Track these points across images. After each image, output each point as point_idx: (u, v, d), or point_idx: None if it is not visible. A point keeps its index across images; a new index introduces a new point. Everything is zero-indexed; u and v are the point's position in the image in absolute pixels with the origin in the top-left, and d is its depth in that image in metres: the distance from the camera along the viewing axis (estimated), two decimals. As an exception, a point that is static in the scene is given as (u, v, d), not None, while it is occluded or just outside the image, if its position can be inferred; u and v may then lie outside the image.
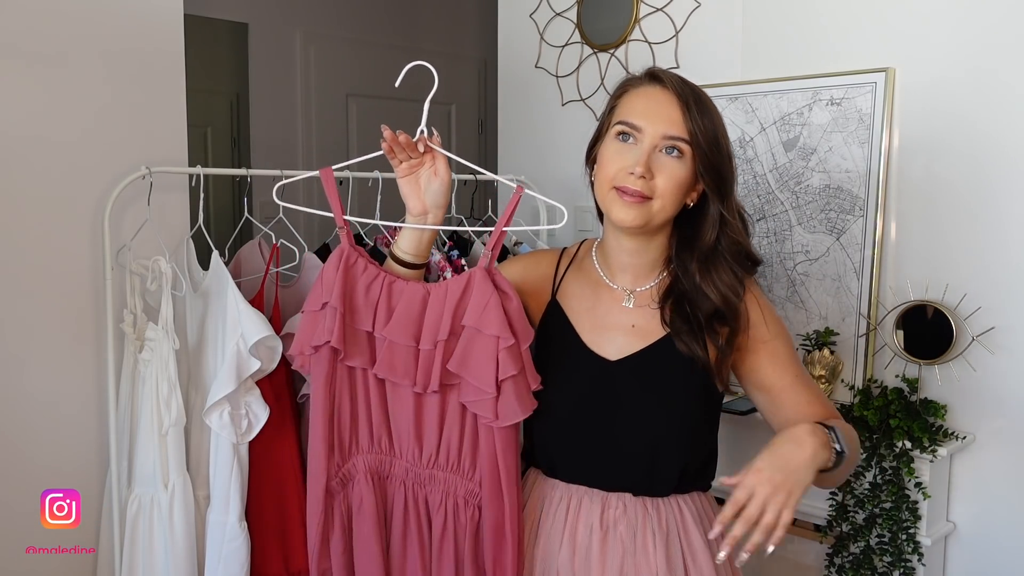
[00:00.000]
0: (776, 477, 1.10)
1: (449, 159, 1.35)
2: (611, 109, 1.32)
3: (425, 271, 1.40)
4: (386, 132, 1.27)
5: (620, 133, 1.27)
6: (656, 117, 1.25)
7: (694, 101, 1.25)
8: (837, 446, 1.18)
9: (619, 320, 1.34)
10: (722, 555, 1.11)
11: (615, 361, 1.32)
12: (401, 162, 1.30)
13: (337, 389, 1.33)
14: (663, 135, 1.24)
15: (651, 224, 1.27)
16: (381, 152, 1.34)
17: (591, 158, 1.35)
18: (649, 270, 1.35)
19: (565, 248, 1.47)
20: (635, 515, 1.31)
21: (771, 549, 1.10)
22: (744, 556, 1.11)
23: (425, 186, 1.31)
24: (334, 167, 1.35)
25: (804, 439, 1.14)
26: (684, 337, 1.28)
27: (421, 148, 1.28)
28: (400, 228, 1.38)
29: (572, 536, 1.32)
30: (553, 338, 1.38)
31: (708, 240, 1.29)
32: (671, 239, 1.34)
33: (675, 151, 1.24)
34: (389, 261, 1.35)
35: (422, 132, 1.27)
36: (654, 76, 1.29)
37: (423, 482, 1.33)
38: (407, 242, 1.33)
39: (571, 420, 1.33)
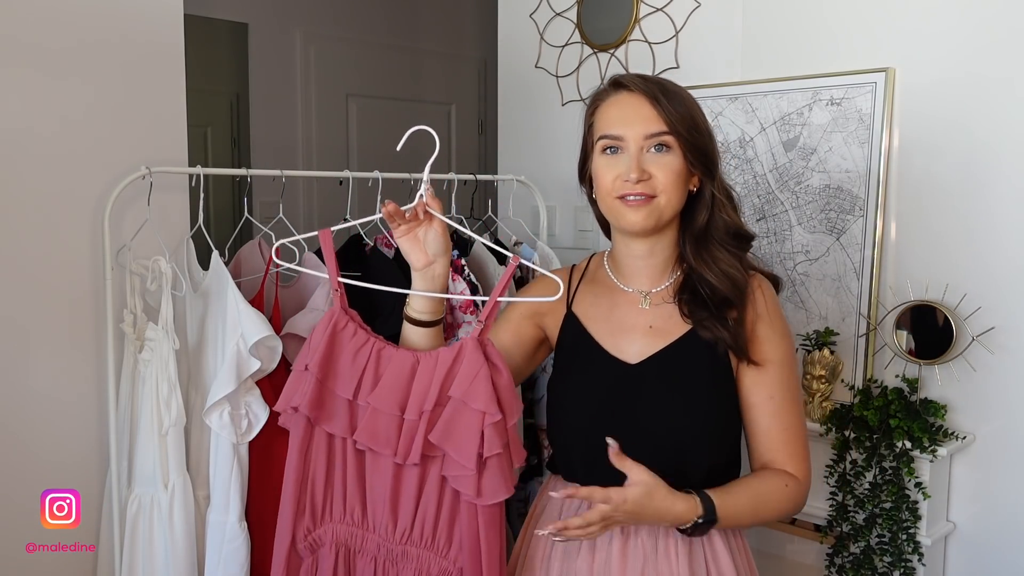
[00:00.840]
0: (629, 518, 1.21)
1: (441, 197, 1.34)
2: (589, 127, 1.35)
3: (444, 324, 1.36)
4: (390, 206, 1.25)
5: (605, 147, 1.31)
6: (632, 121, 1.28)
7: (661, 93, 1.28)
8: (687, 529, 1.25)
9: (636, 322, 1.35)
10: (544, 532, 1.22)
11: (636, 364, 1.33)
12: (399, 225, 1.27)
13: (313, 453, 1.29)
14: (644, 135, 1.27)
15: (661, 221, 1.30)
16: (379, 216, 1.31)
17: (585, 178, 1.39)
18: (662, 271, 1.37)
19: (574, 265, 1.48)
20: None
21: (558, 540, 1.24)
22: (543, 532, 1.23)
23: (422, 237, 1.28)
24: (333, 228, 1.33)
25: (668, 514, 1.22)
26: (706, 323, 1.30)
27: (421, 215, 1.26)
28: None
29: (591, 542, 1.30)
30: (572, 348, 1.39)
31: (700, 222, 1.32)
32: (678, 235, 1.35)
33: (662, 147, 1.28)
34: (406, 325, 1.32)
35: (421, 196, 1.25)
36: (618, 84, 1.32)
37: (395, 559, 1.27)
38: (419, 300, 1.29)
39: (593, 425, 1.32)
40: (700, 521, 1.23)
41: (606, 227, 1.43)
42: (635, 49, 2.45)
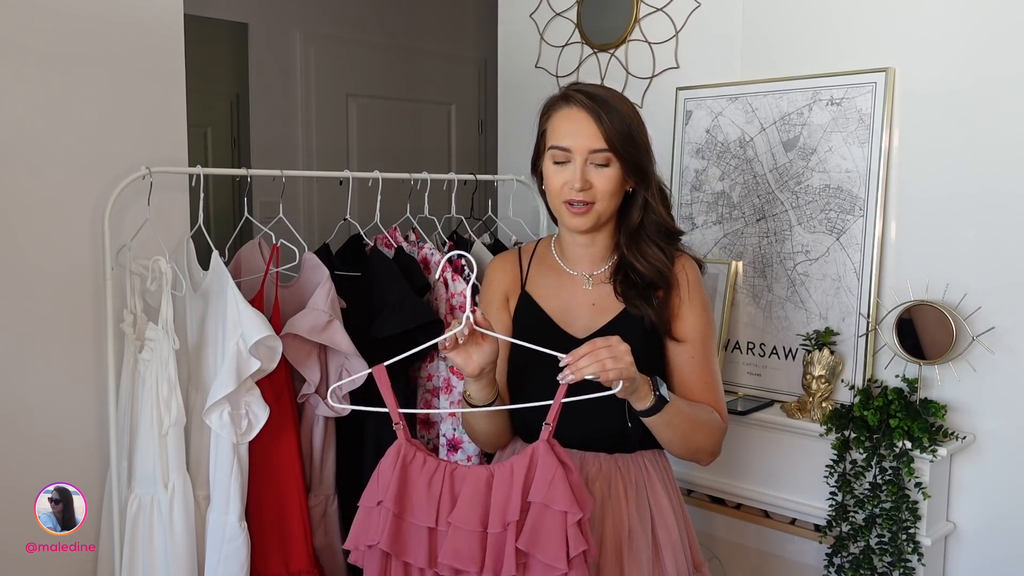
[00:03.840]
0: (617, 356, 1.32)
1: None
2: (542, 132, 1.52)
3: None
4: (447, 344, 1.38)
5: (554, 157, 1.48)
6: (578, 136, 1.45)
7: (604, 111, 1.45)
8: (647, 409, 1.40)
9: (582, 300, 1.55)
10: (563, 361, 1.31)
11: (583, 337, 1.49)
12: (448, 343, 1.38)
13: None
14: (589, 150, 1.45)
15: (600, 223, 1.50)
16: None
17: (537, 171, 1.56)
18: (601, 256, 1.56)
19: (521, 246, 1.68)
20: (610, 472, 1.49)
21: (570, 377, 1.30)
22: (566, 373, 1.31)
23: (473, 350, 1.39)
24: (386, 364, 1.38)
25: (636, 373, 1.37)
26: (635, 301, 1.50)
27: (467, 331, 1.36)
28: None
29: None
30: (527, 324, 1.57)
31: (634, 221, 1.52)
32: (615, 227, 1.55)
33: (603, 161, 1.45)
34: (470, 410, 1.46)
35: (469, 318, 1.34)
36: (567, 97, 1.48)
37: None
38: (478, 394, 1.44)
39: (546, 390, 1.44)
40: (657, 392, 1.40)
41: (555, 215, 1.59)
42: (635, 49, 2.45)
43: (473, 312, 1.34)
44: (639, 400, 1.39)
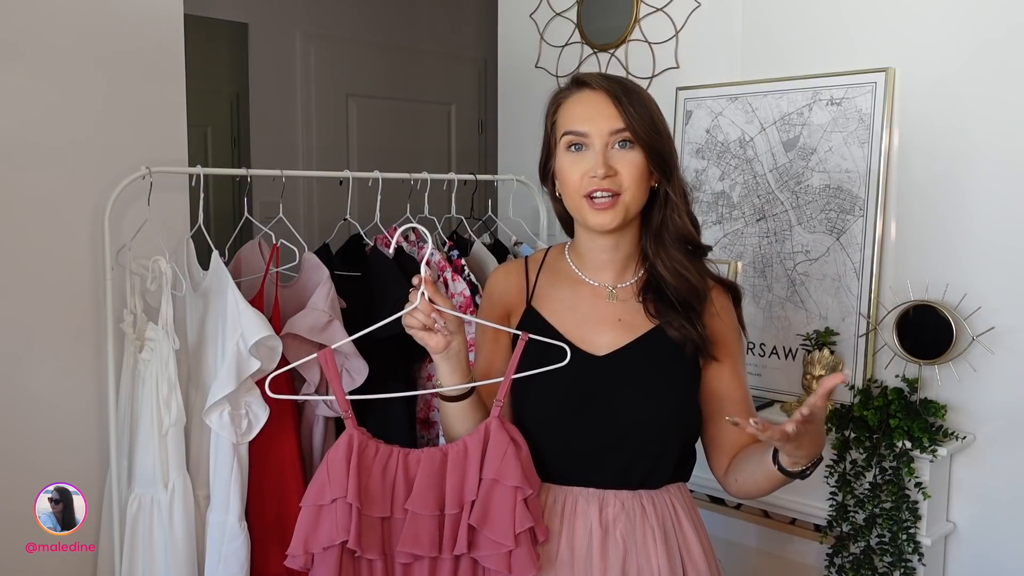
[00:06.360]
0: (818, 438, 1.19)
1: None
2: (552, 125, 1.36)
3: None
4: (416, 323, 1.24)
5: (570, 144, 1.31)
6: (597, 117, 1.29)
7: (623, 92, 1.29)
8: (807, 469, 1.25)
9: (605, 315, 1.36)
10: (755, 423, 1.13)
11: (604, 356, 1.33)
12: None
13: None
14: (609, 131, 1.28)
15: (627, 218, 1.31)
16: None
17: (548, 176, 1.39)
18: (626, 265, 1.38)
19: (528, 257, 1.47)
20: (633, 512, 1.31)
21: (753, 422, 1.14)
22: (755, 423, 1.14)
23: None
24: (330, 348, 1.29)
25: (821, 438, 1.22)
26: (675, 323, 1.32)
27: (423, 306, 1.23)
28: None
29: (570, 539, 1.30)
30: (532, 341, 1.37)
31: (656, 220, 1.34)
32: (640, 231, 1.37)
33: (626, 143, 1.29)
34: (443, 405, 1.31)
35: (423, 293, 1.22)
36: (581, 82, 1.33)
37: None
38: (448, 378, 1.28)
39: (561, 419, 1.32)
40: (821, 459, 1.27)
41: (567, 223, 1.42)
42: (635, 49, 2.45)
43: (424, 283, 1.21)
44: (793, 464, 1.22)
